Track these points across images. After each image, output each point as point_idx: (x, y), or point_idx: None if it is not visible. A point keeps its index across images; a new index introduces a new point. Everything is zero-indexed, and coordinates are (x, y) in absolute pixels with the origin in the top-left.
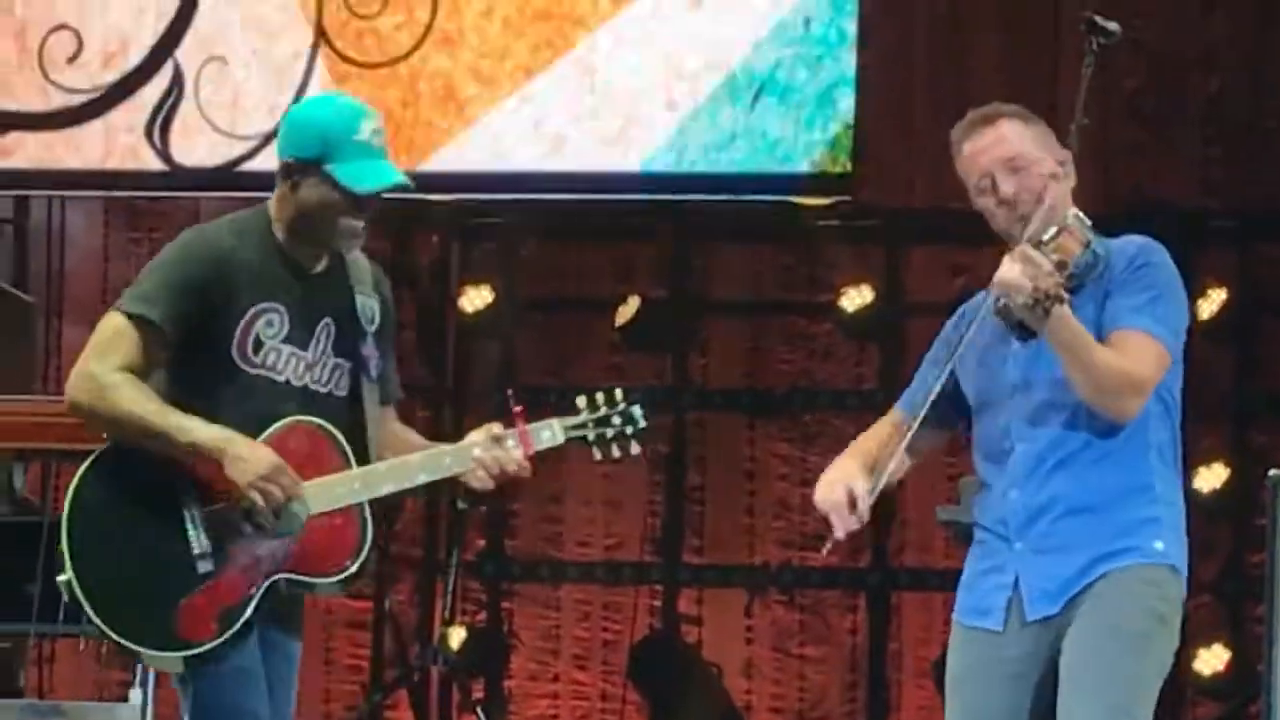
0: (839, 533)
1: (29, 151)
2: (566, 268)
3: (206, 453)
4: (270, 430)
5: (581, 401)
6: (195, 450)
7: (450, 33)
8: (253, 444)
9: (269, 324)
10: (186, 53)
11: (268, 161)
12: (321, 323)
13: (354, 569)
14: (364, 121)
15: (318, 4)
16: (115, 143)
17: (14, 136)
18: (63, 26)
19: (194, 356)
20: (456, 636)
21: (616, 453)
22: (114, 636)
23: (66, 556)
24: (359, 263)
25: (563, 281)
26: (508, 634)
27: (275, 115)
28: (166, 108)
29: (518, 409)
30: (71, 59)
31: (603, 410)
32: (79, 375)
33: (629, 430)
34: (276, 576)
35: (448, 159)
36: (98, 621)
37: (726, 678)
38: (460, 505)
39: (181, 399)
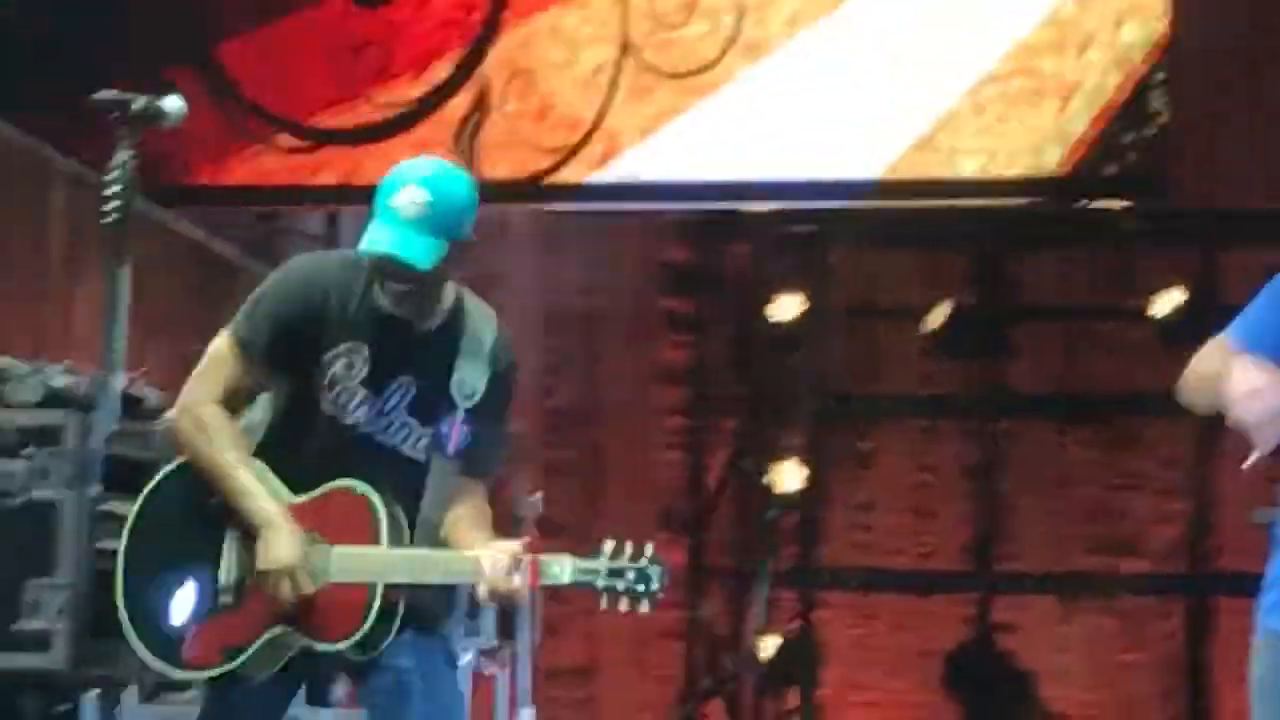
0: (1266, 448)
1: (339, 168)
2: (876, 275)
3: (249, 522)
4: (321, 489)
5: (608, 546)
6: (242, 514)
7: (756, 41)
8: (289, 534)
9: (349, 365)
10: (493, 66)
11: (574, 174)
12: (400, 379)
13: (354, 640)
14: (403, 189)
15: (623, 15)
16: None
17: (324, 153)
18: (371, 43)
19: (283, 385)
20: (770, 645)
21: (624, 606)
22: (132, 638)
23: (121, 556)
24: (480, 334)
25: (873, 289)
26: (820, 643)
27: (581, 128)
28: (473, 121)
29: (529, 541)
30: (380, 74)
31: (622, 562)
32: (183, 403)
33: (641, 589)
34: (281, 630)
35: (750, 168)
36: (125, 623)
37: (1040, 685)
38: (771, 515)
39: (273, 423)
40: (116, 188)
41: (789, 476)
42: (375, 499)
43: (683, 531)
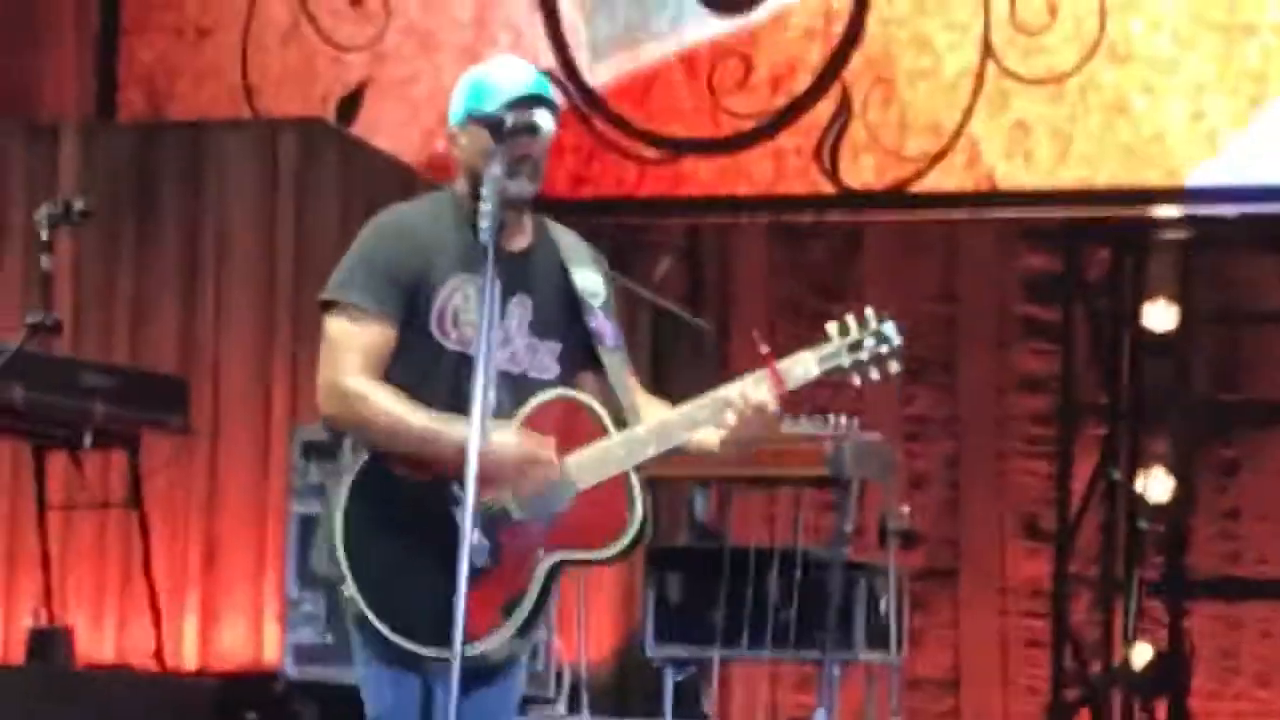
0: None
1: (701, 179)
2: (1241, 280)
3: (455, 453)
4: (526, 409)
5: (832, 328)
6: (445, 453)
7: (1118, 45)
8: (501, 438)
9: (465, 297)
10: (854, 74)
11: (938, 181)
12: (514, 300)
13: (627, 540)
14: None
15: (985, 21)
16: (784, 166)
17: (687, 163)
18: (732, 53)
19: (404, 335)
20: (1140, 655)
21: (875, 375)
22: (401, 643)
23: (346, 571)
24: (573, 243)
25: (1238, 294)
26: (1189, 652)
27: (943, 135)
28: (835, 130)
29: (765, 350)
30: (741, 84)
31: (854, 335)
32: (322, 387)
33: (884, 350)
34: (554, 557)
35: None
36: (384, 630)
37: None
38: (1140, 525)
39: (401, 381)
40: (490, 204)
41: (1157, 485)
42: (583, 396)
43: (1048, 540)
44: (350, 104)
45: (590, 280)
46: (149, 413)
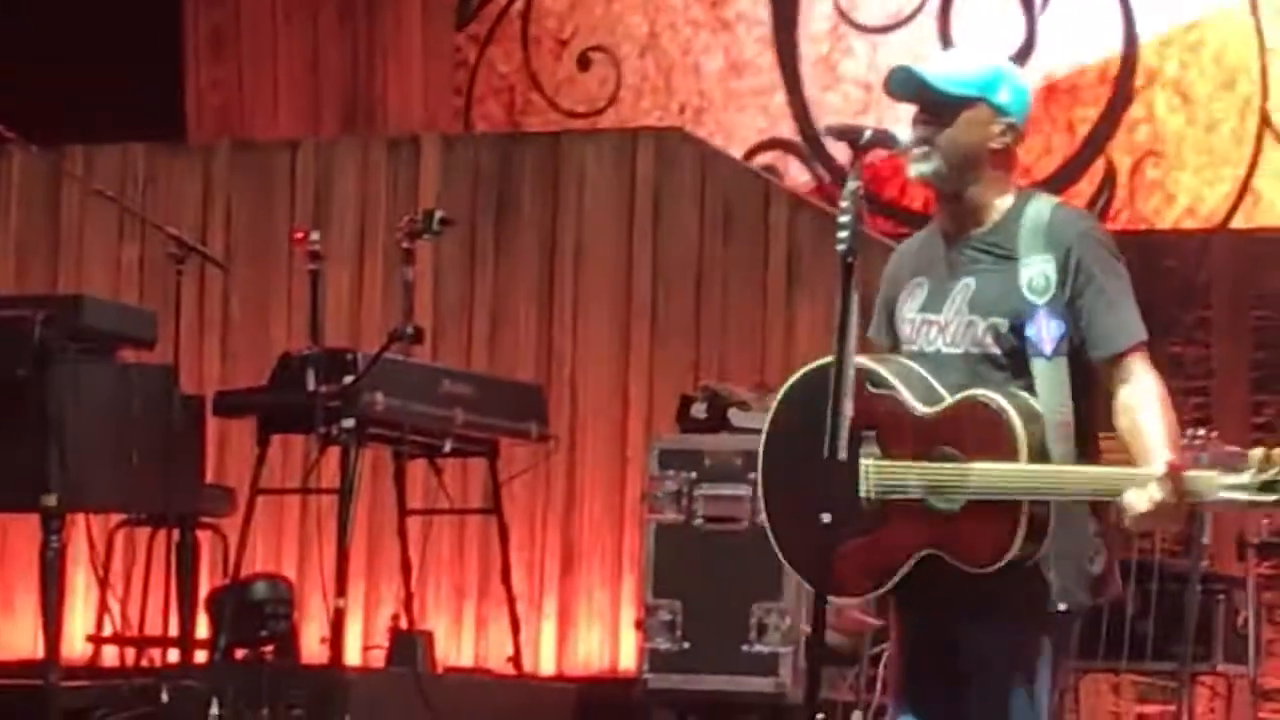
0: None
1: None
2: None
3: None
4: (950, 401)
5: (1255, 455)
6: None
7: None
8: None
9: (912, 298)
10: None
11: None
12: (960, 283)
13: (995, 565)
14: None
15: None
16: None
17: None
18: None
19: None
20: None
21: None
22: (798, 574)
23: (761, 484)
24: (1037, 223)
25: None
26: None
27: None
28: (1098, 210)
29: (1171, 460)
30: None
31: (1273, 472)
32: None
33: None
34: (928, 551)
35: None
36: (782, 557)
37: None
38: None
39: None
40: (848, 216)
41: None
42: (1010, 412)
43: None
44: None
45: (1037, 272)
46: (508, 420)
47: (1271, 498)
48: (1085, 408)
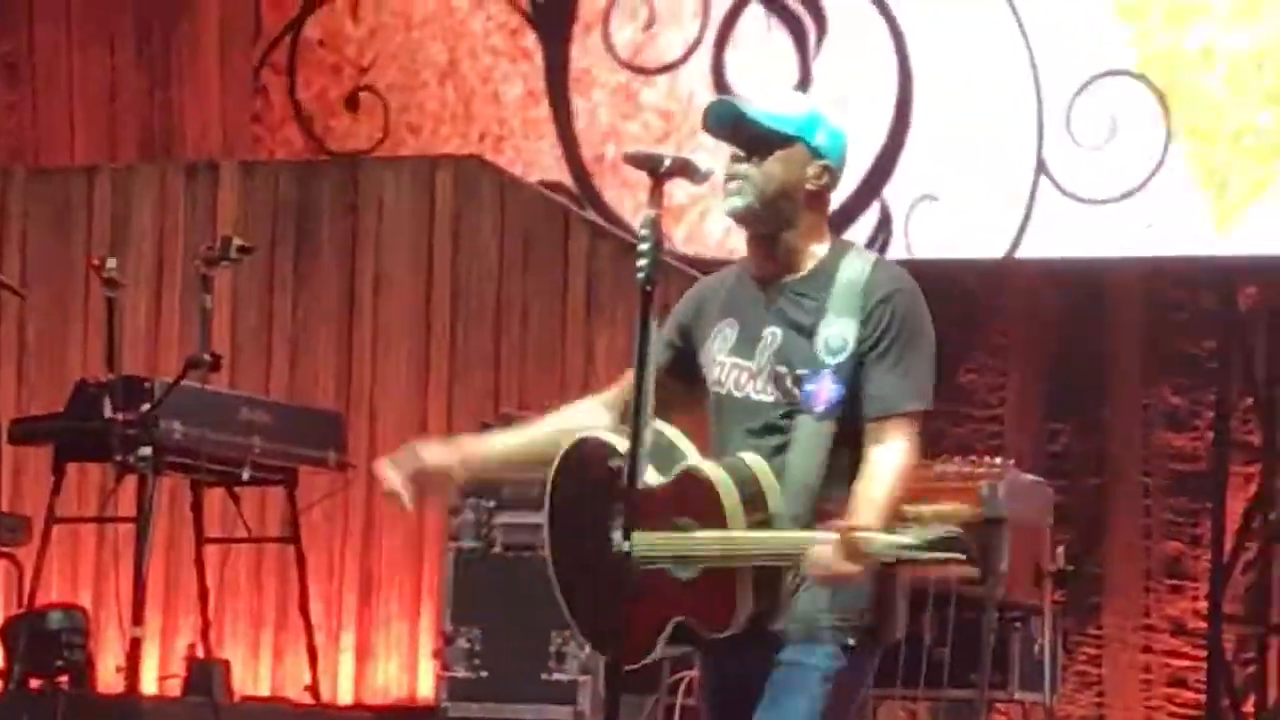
0: None
1: None
2: None
3: None
4: (674, 472)
5: (927, 512)
6: None
7: None
8: None
9: (722, 339)
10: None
11: None
12: (769, 330)
13: (730, 629)
14: None
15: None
16: None
17: None
18: None
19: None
20: None
21: (935, 573)
22: (579, 633)
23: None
24: (853, 280)
25: None
26: None
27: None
28: (875, 248)
29: (842, 525)
30: None
31: (934, 531)
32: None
33: (943, 556)
34: (677, 619)
35: None
36: (567, 614)
37: None
38: None
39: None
40: (647, 245)
41: None
42: (721, 480)
43: (1194, 579)
44: None
45: (835, 335)
46: (306, 448)
47: (942, 555)
48: (848, 472)
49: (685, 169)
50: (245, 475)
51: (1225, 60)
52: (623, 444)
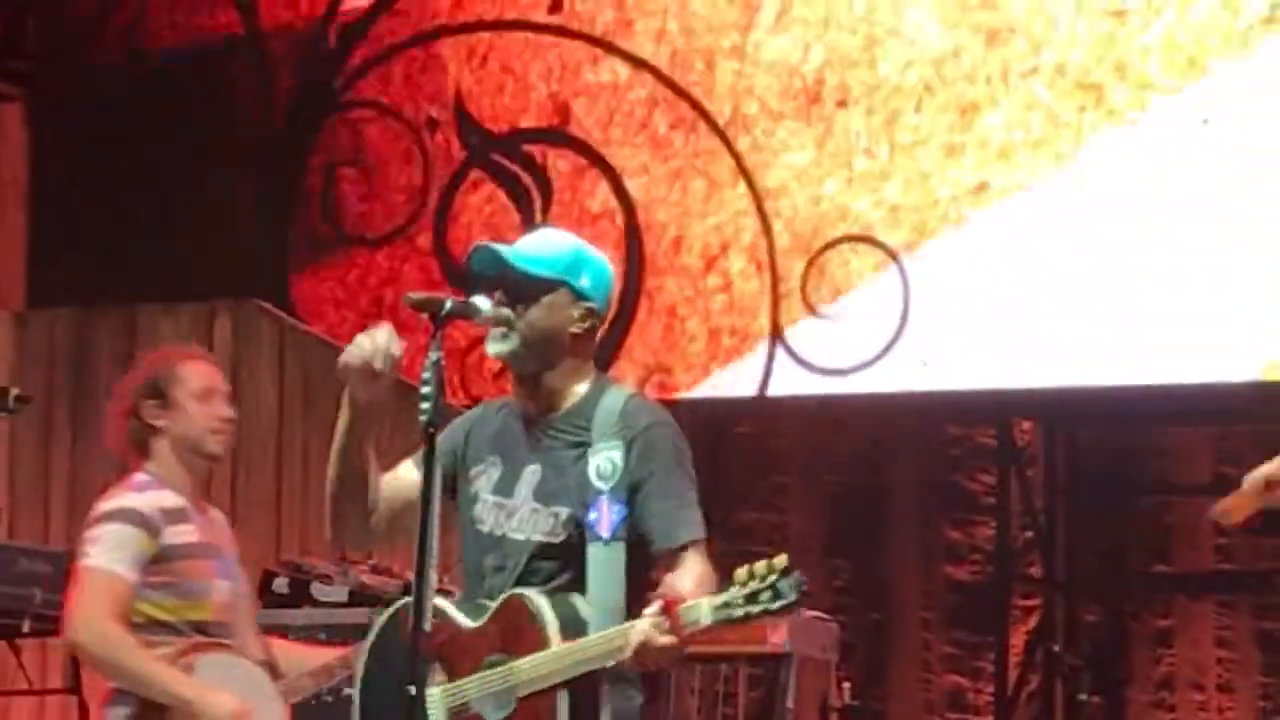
0: None
1: None
2: (1170, 450)
3: None
4: (491, 609)
5: (740, 573)
6: None
7: None
8: None
9: (486, 477)
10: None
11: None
12: (530, 468)
13: None
14: None
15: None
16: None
17: None
18: None
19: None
20: None
21: (768, 620)
22: None
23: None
24: (611, 411)
25: (1168, 466)
26: None
27: None
28: None
29: (666, 597)
30: None
31: (755, 584)
32: None
33: (776, 606)
34: None
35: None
36: None
37: None
38: (1080, 697)
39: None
40: (429, 388)
41: (1090, 654)
42: (538, 601)
43: (977, 713)
44: None
45: (604, 461)
46: None
47: (758, 608)
48: (644, 592)
49: (467, 312)
50: (25, 627)
51: None
52: (443, 603)
